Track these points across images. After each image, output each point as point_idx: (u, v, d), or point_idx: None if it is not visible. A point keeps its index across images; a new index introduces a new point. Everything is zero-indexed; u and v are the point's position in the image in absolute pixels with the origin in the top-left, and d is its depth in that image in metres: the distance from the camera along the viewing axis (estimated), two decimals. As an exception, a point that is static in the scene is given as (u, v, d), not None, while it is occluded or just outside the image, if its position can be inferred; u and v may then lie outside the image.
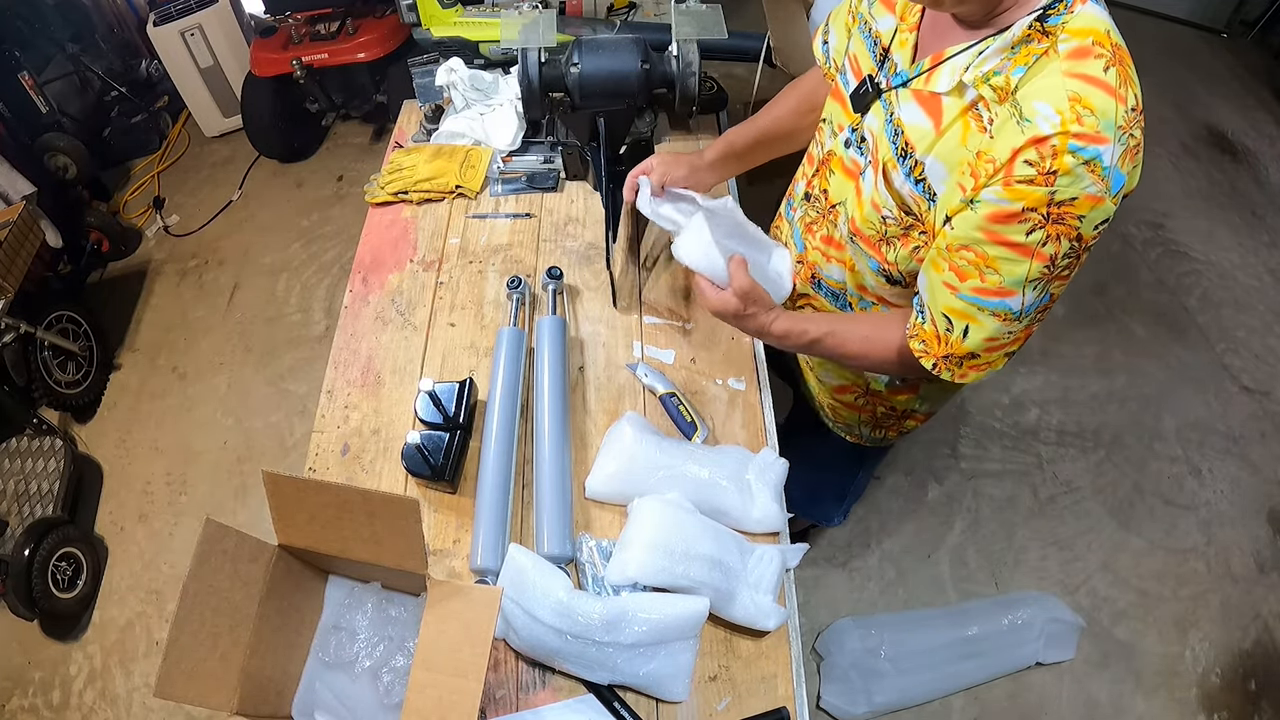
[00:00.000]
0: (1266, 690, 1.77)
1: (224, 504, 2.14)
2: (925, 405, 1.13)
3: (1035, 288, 0.74)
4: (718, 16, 1.15)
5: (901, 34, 0.82)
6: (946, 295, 0.78)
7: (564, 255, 1.30)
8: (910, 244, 0.86)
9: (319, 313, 2.56)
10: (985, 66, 0.71)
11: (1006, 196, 0.68)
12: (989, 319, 0.76)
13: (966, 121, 0.73)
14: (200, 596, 0.74)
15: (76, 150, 2.76)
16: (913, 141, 0.79)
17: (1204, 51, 3.49)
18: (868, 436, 1.23)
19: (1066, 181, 0.65)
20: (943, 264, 0.77)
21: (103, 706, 1.82)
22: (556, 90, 1.11)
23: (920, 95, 0.78)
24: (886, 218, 0.86)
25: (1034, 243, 0.70)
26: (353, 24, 2.67)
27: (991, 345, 0.79)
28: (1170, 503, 2.07)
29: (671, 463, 0.96)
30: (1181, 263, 2.64)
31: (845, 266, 0.98)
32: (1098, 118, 0.64)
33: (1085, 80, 0.65)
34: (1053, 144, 0.65)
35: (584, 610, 0.83)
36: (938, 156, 0.76)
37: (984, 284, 0.74)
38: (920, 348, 0.83)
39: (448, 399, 1.02)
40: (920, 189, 0.79)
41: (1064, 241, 0.69)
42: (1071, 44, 0.66)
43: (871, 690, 1.67)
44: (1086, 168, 0.65)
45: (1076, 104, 0.64)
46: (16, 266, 2.02)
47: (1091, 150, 0.64)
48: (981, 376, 0.83)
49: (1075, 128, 0.64)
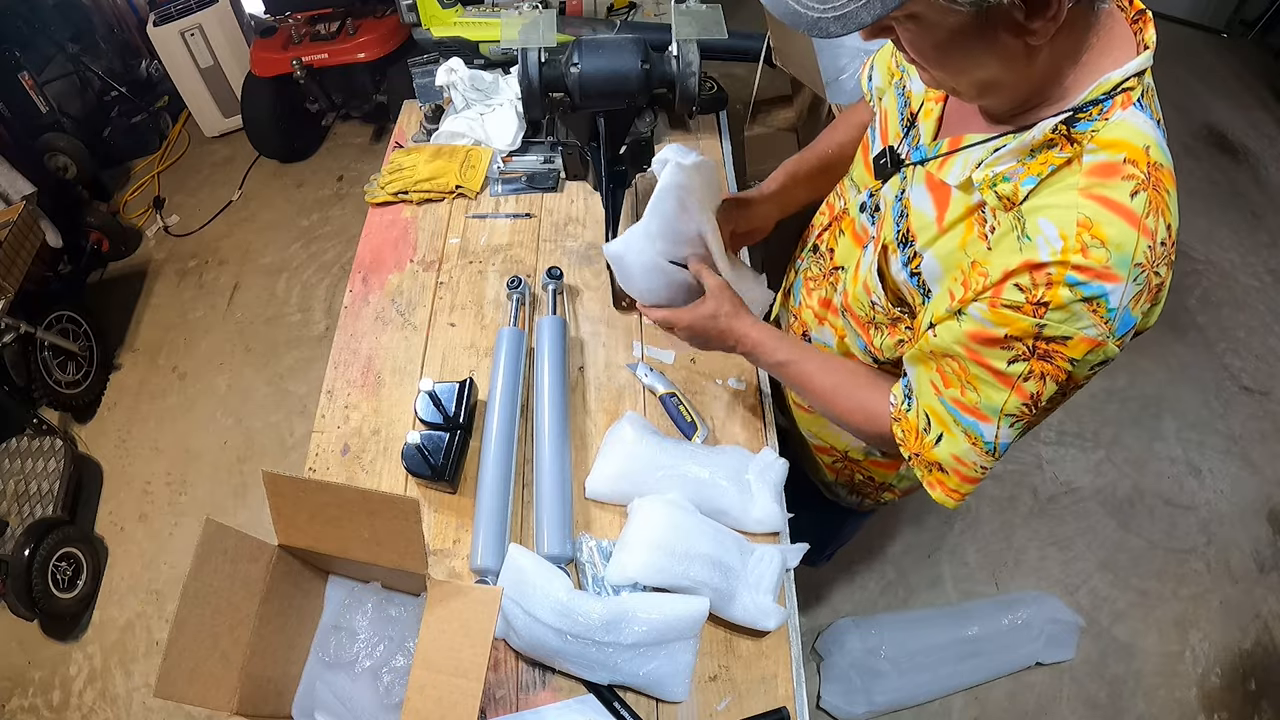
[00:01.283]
0: (1266, 690, 1.77)
1: (224, 504, 2.14)
2: (904, 484, 1.07)
3: (1013, 426, 0.66)
4: (718, 16, 1.14)
5: (929, 104, 0.75)
6: (930, 395, 0.71)
7: (564, 255, 1.30)
8: (896, 336, 0.80)
9: (319, 313, 2.56)
10: (998, 167, 0.62)
11: (990, 318, 0.61)
12: (960, 436, 0.69)
13: (970, 224, 0.66)
14: (200, 596, 0.74)
15: (76, 150, 2.76)
16: (915, 231, 0.72)
17: (1204, 51, 3.49)
18: (844, 499, 1.18)
19: (1059, 317, 0.57)
20: (931, 364, 0.71)
21: (103, 706, 1.82)
22: (556, 90, 1.11)
23: (932, 180, 0.71)
24: (875, 303, 0.81)
25: (1015, 374, 0.62)
26: (353, 24, 2.67)
27: (958, 465, 0.71)
28: (1170, 503, 2.07)
29: (671, 463, 0.96)
30: (1181, 263, 2.64)
31: (836, 334, 0.93)
32: (1109, 250, 0.55)
33: (1103, 204, 0.56)
34: (1049, 272, 0.57)
35: (584, 610, 0.83)
36: (936, 254, 0.70)
37: (962, 398, 0.68)
38: (900, 435, 0.76)
39: (448, 399, 1.02)
40: (915, 282, 0.73)
41: (1049, 382, 0.61)
42: (1099, 158, 0.57)
43: (871, 690, 1.67)
44: (1086, 306, 0.57)
45: (1085, 231, 0.56)
46: (16, 266, 2.02)
47: (1095, 287, 0.56)
48: (947, 501, 0.75)
49: (1077, 259, 0.56)
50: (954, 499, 0.74)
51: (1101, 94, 0.58)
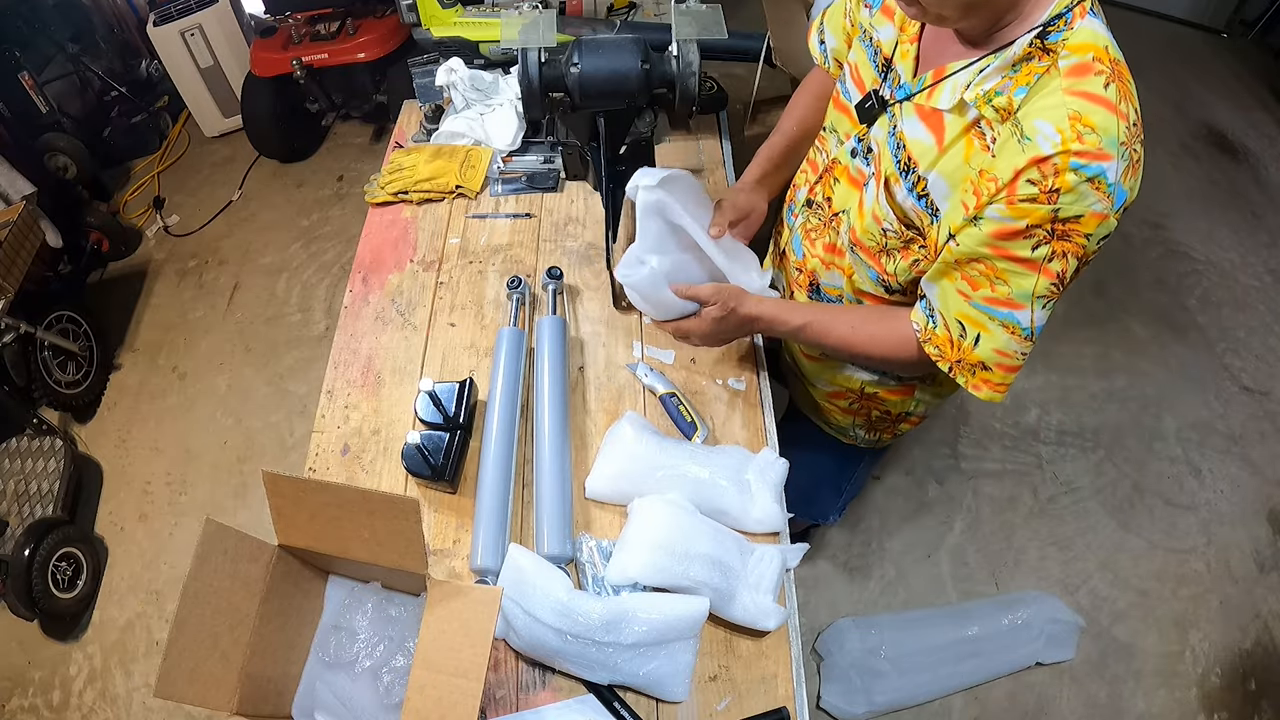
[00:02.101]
0: (1266, 690, 1.77)
1: (224, 504, 2.14)
2: (920, 408, 1.13)
3: (1044, 306, 0.74)
4: (718, 16, 1.14)
5: (903, 45, 0.82)
6: (960, 302, 0.78)
7: (564, 255, 1.30)
8: (910, 257, 0.86)
9: (319, 313, 2.56)
10: (986, 85, 0.71)
11: (1010, 215, 0.69)
12: (999, 330, 0.77)
13: (969, 140, 0.73)
14: (200, 596, 0.74)
15: (76, 150, 2.76)
16: (915, 157, 0.79)
17: (1204, 51, 3.49)
18: (863, 439, 1.23)
19: (1070, 199, 0.66)
20: (955, 273, 0.78)
21: (103, 706, 1.82)
22: (556, 90, 1.11)
23: (922, 110, 0.78)
24: (887, 230, 0.86)
25: (1040, 258, 0.70)
26: (353, 24, 2.67)
27: (1001, 359, 0.79)
28: (1170, 503, 2.07)
29: (671, 463, 0.96)
30: (1181, 263, 2.64)
31: (844, 274, 0.98)
32: (1099, 135, 0.64)
33: (1086, 98, 0.65)
34: (1054, 163, 0.65)
35: (584, 610, 0.83)
36: (940, 173, 0.77)
37: (994, 294, 0.75)
38: (935, 352, 0.83)
39: (448, 399, 1.02)
40: (923, 204, 0.80)
41: (1070, 259, 0.70)
42: (1072, 60, 0.66)
43: (871, 690, 1.67)
44: (1090, 185, 0.65)
45: (1077, 122, 0.64)
46: (16, 266, 2.02)
47: (1095, 167, 0.64)
48: (994, 396, 0.82)
49: (1077, 145, 0.64)
50: (1000, 392, 0.82)
51: (1064, 7, 0.67)
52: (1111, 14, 0.71)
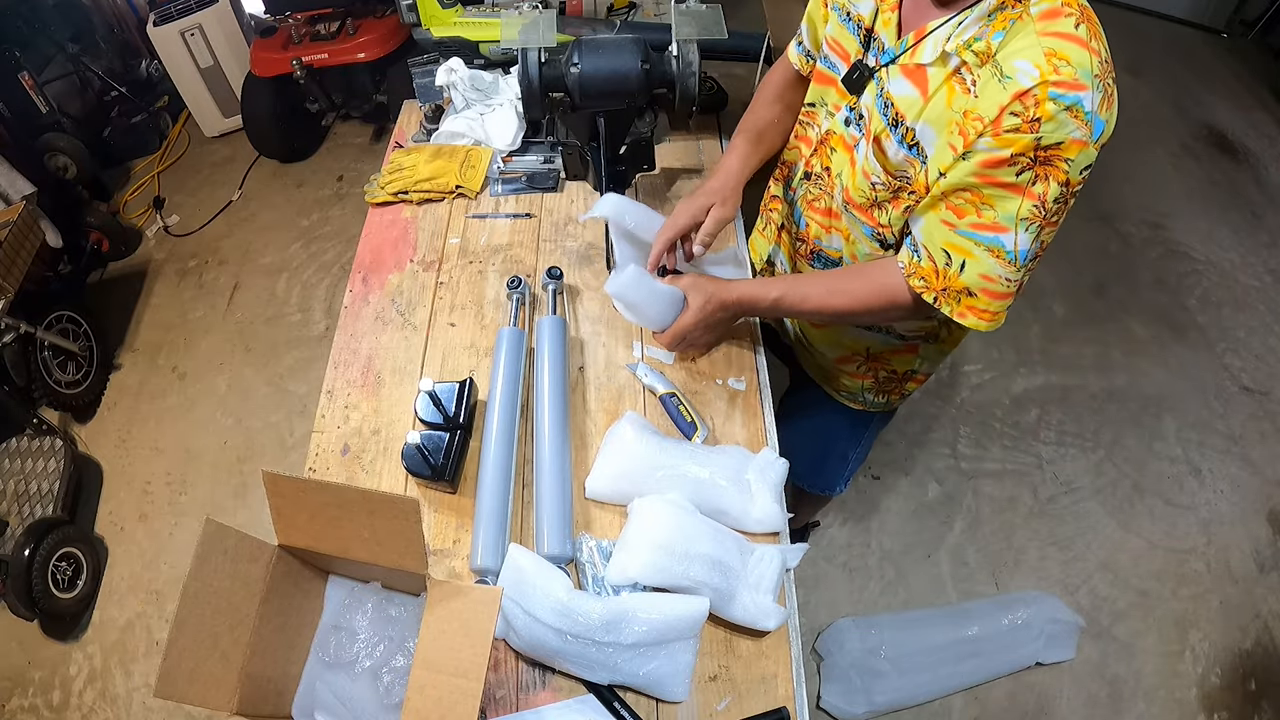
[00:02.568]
0: (1266, 690, 1.77)
1: (224, 504, 2.14)
2: (925, 365, 1.18)
3: (1027, 229, 0.78)
4: (718, 16, 1.14)
5: (884, 15, 0.88)
6: (944, 231, 0.83)
7: (564, 255, 1.30)
8: (901, 205, 0.90)
9: (319, 313, 2.56)
10: (965, 35, 0.77)
11: (996, 145, 0.74)
12: (984, 255, 0.81)
13: (951, 86, 0.79)
14: (200, 596, 0.74)
15: (76, 150, 2.77)
16: (902, 111, 0.85)
17: (1204, 51, 3.49)
18: (872, 402, 1.27)
19: (1051, 127, 0.71)
20: (940, 205, 0.82)
21: (103, 706, 1.82)
22: (556, 90, 1.11)
23: (907, 69, 0.84)
24: (876, 184, 0.92)
25: (1024, 182, 0.75)
26: (353, 24, 2.67)
27: (987, 284, 0.82)
28: (1170, 503, 2.07)
29: (671, 463, 0.96)
30: (1181, 263, 2.65)
31: (843, 236, 1.03)
32: (1074, 67, 0.70)
33: (1059, 37, 0.71)
34: (1034, 94, 0.70)
35: (584, 610, 0.83)
36: (927, 121, 0.82)
37: (980, 219, 0.79)
38: (920, 284, 0.87)
39: (448, 399, 1.02)
40: (914, 152, 0.85)
41: (1053, 184, 0.74)
42: (1043, 6, 0.73)
43: (871, 690, 1.67)
44: (1069, 113, 0.70)
45: (1053, 57, 0.70)
46: (16, 266, 2.02)
47: (1072, 96, 0.70)
48: (983, 325, 0.85)
49: (1054, 77, 0.70)
50: (986, 319, 0.85)
51: None
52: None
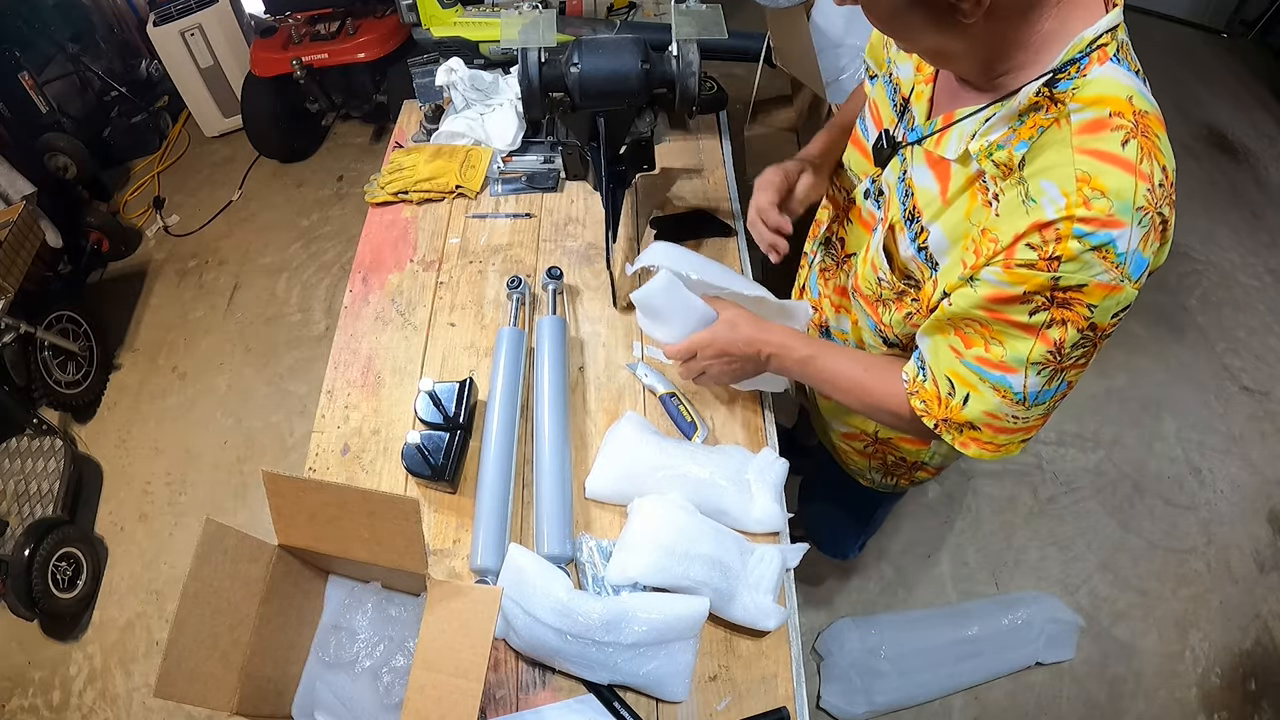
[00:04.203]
0: (1266, 690, 1.77)
1: (224, 504, 2.14)
2: (936, 459, 1.09)
3: (1040, 373, 0.67)
4: (718, 16, 1.14)
5: (919, 86, 0.78)
6: (950, 358, 0.73)
7: (564, 255, 1.30)
8: (904, 309, 0.83)
9: (319, 313, 2.56)
10: (990, 136, 0.66)
11: (1006, 280, 0.63)
12: (989, 392, 0.71)
13: (973, 194, 0.69)
14: (200, 596, 0.74)
15: (76, 150, 2.76)
16: (920, 206, 0.76)
17: (1204, 51, 3.49)
18: (879, 483, 1.20)
19: (1072, 268, 0.60)
20: (949, 329, 0.73)
21: (103, 706, 1.82)
22: (556, 90, 1.11)
23: (931, 157, 0.74)
24: (881, 279, 0.83)
25: (1038, 323, 0.64)
26: (353, 24, 2.67)
27: (993, 422, 0.73)
28: (1170, 503, 2.07)
29: (671, 463, 0.96)
30: (1181, 263, 2.64)
31: (851, 319, 0.96)
32: (1110, 199, 0.58)
33: (1098, 157, 0.59)
34: (1057, 228, 0.59)
35: (584, 610, 0.83)
36: (942, 227, 0.73)
37: (987, 354, 0.69)
38: (921, 407, 0.78)
39: (448, 399, 1.02)
40: (923, 256, 0.76)
41: (1071, 329, 0.63)
42: (1086, 115, 0.60)
43: (871, 690, 1.67)
44: (1096, 254, 0.59)
45: (1085, 185, 0.58)
46: (16, 266, 2.02)
47: (1101, 236, 0.58)
48: (987, 455, 0.76)
49: (1082, 211, 0.58)
50: (989, 450, 0.76)
51: (1077, 53, 0.61)
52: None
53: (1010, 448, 0.76)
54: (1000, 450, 0.76)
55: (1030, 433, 0.75)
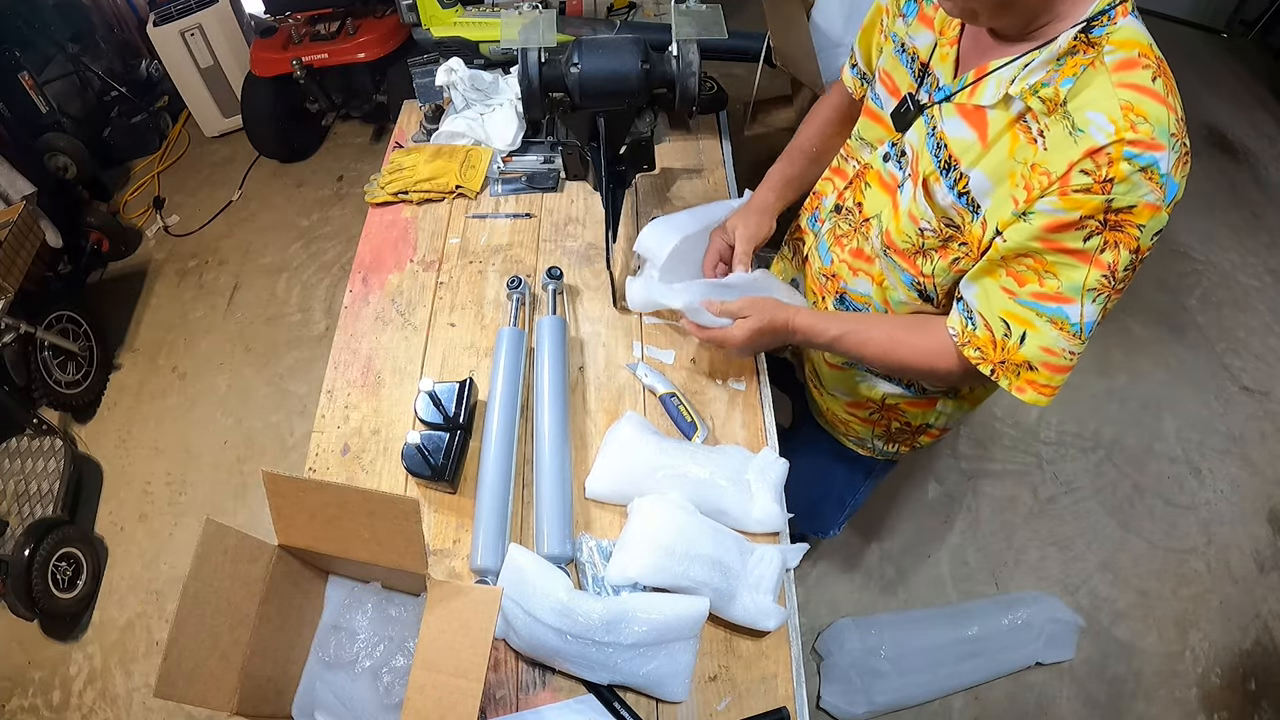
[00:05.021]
0: (1266, 690, 1.77)
1: (224, 504, 2.14)
2: (941, 420, 1.11)
3: (1095, 300, 0.73)
4: (718, 16, 1.14)
5: (942, 49, 0.83)
6: (1004, 299, 0.77)
7: (564, 255, 1.30)
8: (949, 255, 0.85)
9: (319, 313, 2.56)
10: (1032, 79, 0.71)
11: (1063, 206, 0.69)
12: (1047, 326, 0.75)
13: (1014, 134, 0.74)
14: (200, 596, 0.74)
15: (76, 150, 2.77)
16: (957, 155, 0.79)
17: (1204, 51, 3.50)
18: (880, 450, 1.22)
19: (1124, 189, 0.66)
20: (999, 271, 0.77)
21: (103, 706, 1.82)
22: (556, 90, 1.11)
23: (964, 109, 0.79)
24: (925, 230, 0.86)
25: (1092, 249, 0.70)
26: (353, 24, 2.67)
27: (1048, 358, 0.77)
28: (1170, 503, 2.07)
29: (671, 463, 0.96)
30: (1181, 263, 2.64)
31: (874, 281, 0.98)
32: (1152, 125, 0.65)
33: (1136, 90, 0.66)
34: (1108, 152, 0.65)
35: (584, 610, 0.83)
36: (984, 169, 0.77)
37: (1043, 288, 0.74)
38: (976, 355, 0.81)
39: (448, 399, 1.02)
40: (964, 201, 0.80)
41: (1123, 251, 0.69)
42: (1118, 55, 0.67)
43: (871, 690, 1.67)
44: (1143, 175, 0.65)
45: (1130, 112, 0.65)
46: (16, 266, 2.02)
47: (1148, 157, 0.65)
48: (1042, 399, 0.79)
49: (1130, 135, 0.65)
50: (1046, 394, 0.79)
51: (1107, 4, 0.69)
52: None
53: (1057, 390, 0.80)
54: (1053, 393, 0.79)
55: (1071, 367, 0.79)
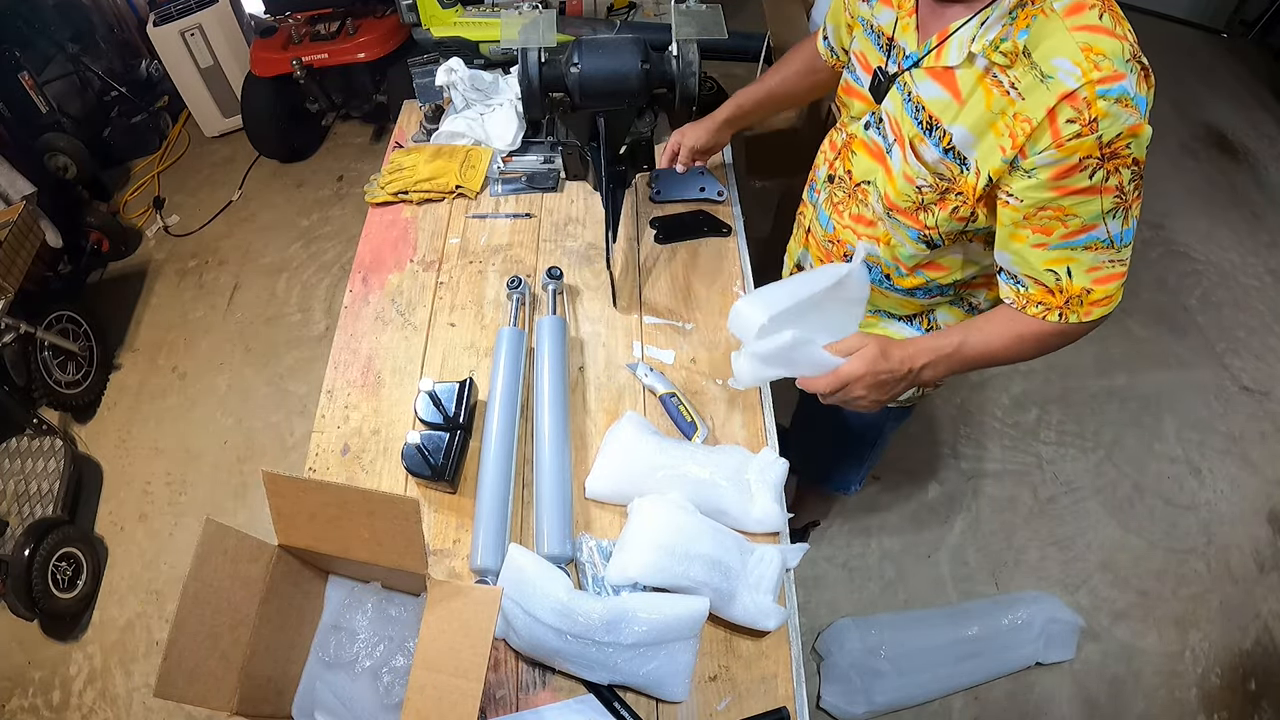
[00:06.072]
0: (1266, 690, 1.77)
1: (224, 504, 2.14)
2: None
3: (1115, 215, 0.78)
4: (718, 16, 1.15)
5: (902, 21, 0.88)
6: (1039, 254, 0.82)
7: (564, 255, 1.30)
8: (949, 205, 0.89)
9: (319, 313, 2.56)
10: (990, 35, 0.77)
11: (1062, 156, 0.74)
12: (1084, 254, 0.81)
13: (986, 88, 0.79)
14: (200, 596, 0.74)
15: (76, 150, 2.76)
16: (936, 114, 0.85)
17: (1204, 51, 3.49)
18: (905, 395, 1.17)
19: (1108, 123, 0.71)
20: (1024, 232, 0.82)
21: (103, 706, 1.82)
22: (556, 90, 1.11)
23: (934, 71, 0.84)
24: (922, 187, 0.90)
25: (1099, 181, 0.75)
26: (353, 24, 2.67)
27: (1098, 275, 0.82)
28: (1170, 503, 2.07)
29: (671, 463, 0.96)
30: (1181, 263, 2.64)
31: (880, 241, 1.01)
32: (1111, 59, 0.71)
33: (1089, 30, 0.72)
34: (1083, 95, 0.71)
35: (584, 610, 0.83)
36: (964, 123, 0.82)
37: (1068, 229, 0.79)
38: (1039, 309, 0.86)
39: (448, 399, 1.02)
40: (950, 156, 0.85)
41: (1124, 171, 0.75)
42: (1065, 2, 0.74)
43: (871, 690, 1.67)
44: (1119, 104, 0.71)
45: (1089, 52, 0.71)
46: (16, 266, 2.02)
47: (1118, 88, 0.71)
48: (1107, 311, 0.85)
49: (1096, 74, 0.71)
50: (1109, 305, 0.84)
51: None
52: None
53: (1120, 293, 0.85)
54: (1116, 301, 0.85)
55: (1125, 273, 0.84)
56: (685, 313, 1.21)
